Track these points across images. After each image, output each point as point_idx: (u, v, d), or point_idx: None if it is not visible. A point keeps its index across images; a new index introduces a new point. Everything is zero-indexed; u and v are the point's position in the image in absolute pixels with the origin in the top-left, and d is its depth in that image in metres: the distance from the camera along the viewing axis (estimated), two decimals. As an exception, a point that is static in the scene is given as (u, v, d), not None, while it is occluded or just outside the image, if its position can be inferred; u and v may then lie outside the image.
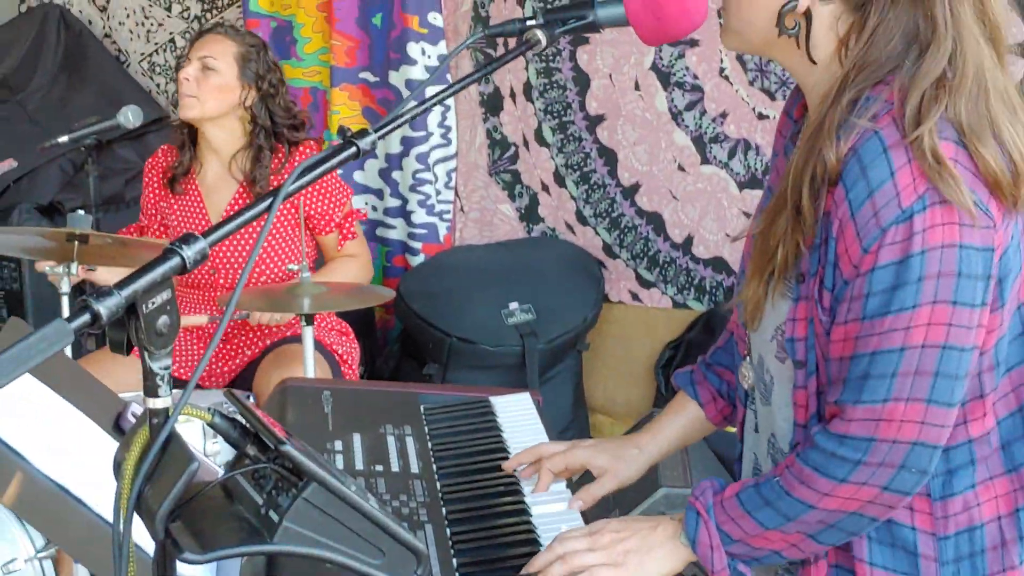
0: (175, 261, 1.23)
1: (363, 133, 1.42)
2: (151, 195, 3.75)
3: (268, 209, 1.32)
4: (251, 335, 3.63)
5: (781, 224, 1.61)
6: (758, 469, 1.83)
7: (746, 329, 1.78)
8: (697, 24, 1.66)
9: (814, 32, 1.60)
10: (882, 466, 1.55)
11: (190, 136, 3.66)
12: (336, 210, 3.65)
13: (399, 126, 1.45)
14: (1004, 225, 1.53)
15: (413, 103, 1.47)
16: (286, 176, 3.50)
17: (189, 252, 1.24)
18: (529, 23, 1.63)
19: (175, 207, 3.69)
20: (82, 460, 1.63)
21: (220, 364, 3.64)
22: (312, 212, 3.60)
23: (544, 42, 1.62)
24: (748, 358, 1.81)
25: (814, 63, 1.62)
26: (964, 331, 1.52)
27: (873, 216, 1.50)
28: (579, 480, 2.01)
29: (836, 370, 1.59)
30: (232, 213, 1.35)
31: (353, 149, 1.41)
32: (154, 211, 3.74)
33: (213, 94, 3.54)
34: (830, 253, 1.56)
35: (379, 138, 1.42)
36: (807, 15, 1.59)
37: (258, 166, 3.55)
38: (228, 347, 3.63)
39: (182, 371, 3.59)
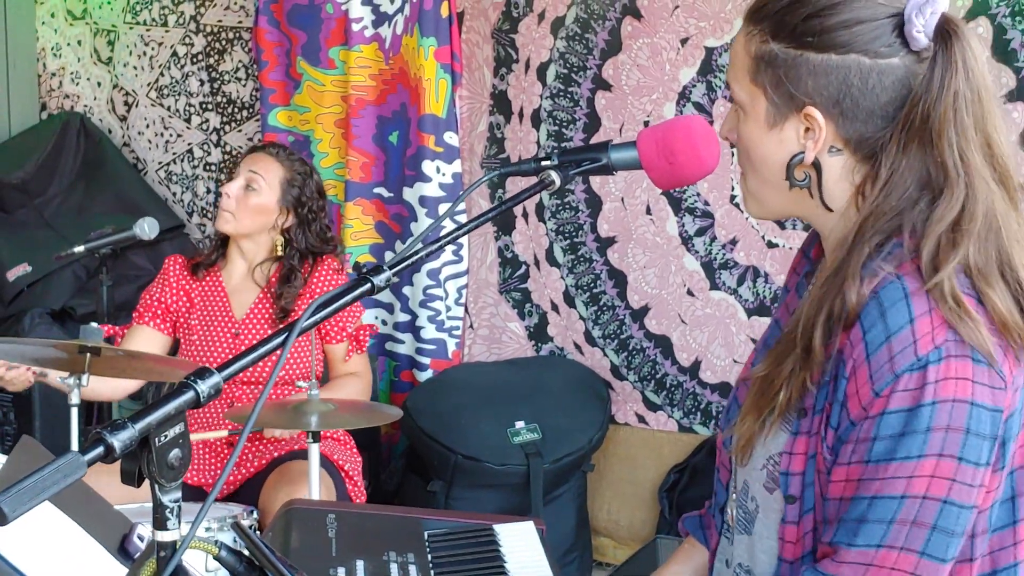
0: (189, 395, 1.25)
1: (378, 270, 1.44)
2: (168, 286, 3.75)
3: (283, 344, 1.34)
4: (258, 447, 3.64)
5: (787, 365, 1.61)
6: None
7: (732, 462, 1.78)
8: (708, 171, 1.69)
9: (826, 182, 1.62)
10: None
11: (221, 236, 3.76)
12: (350, 320, 3.72)
13: (414, 263, 1.47)
14: (1014, 387, 1.54)
15: (421, 244, 1.49)
16: (304, 298, 3.60)
17: (203, 387, 1.26)
18: (544, 163, 1.67)
19: (196, 299, 3.73)
20: (86, 583, 1.63)
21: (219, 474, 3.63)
22: (326, 322, 3.64)
23: (558, 183, 1.65)
24: (732, 489, 1.80)
25: (830, 211, 1.64)
26: (967, 488, 1.51)
27: (888, 360, 1.50)
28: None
29: (834, 510, 1.58)
30: (254, 343, 1.36)
31: (368, 286, 1.44)
32: (166, 302, 3.74)
33: (250, 214, 3.64)
34: (839, 392, 1.56)
35: (394, 275, 1.44)
36: (816, 166, 1.62)
37: (287, 286, 3.63)
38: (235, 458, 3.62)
39: (196, 478, 3.60)
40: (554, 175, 1.66)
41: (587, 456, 4.35)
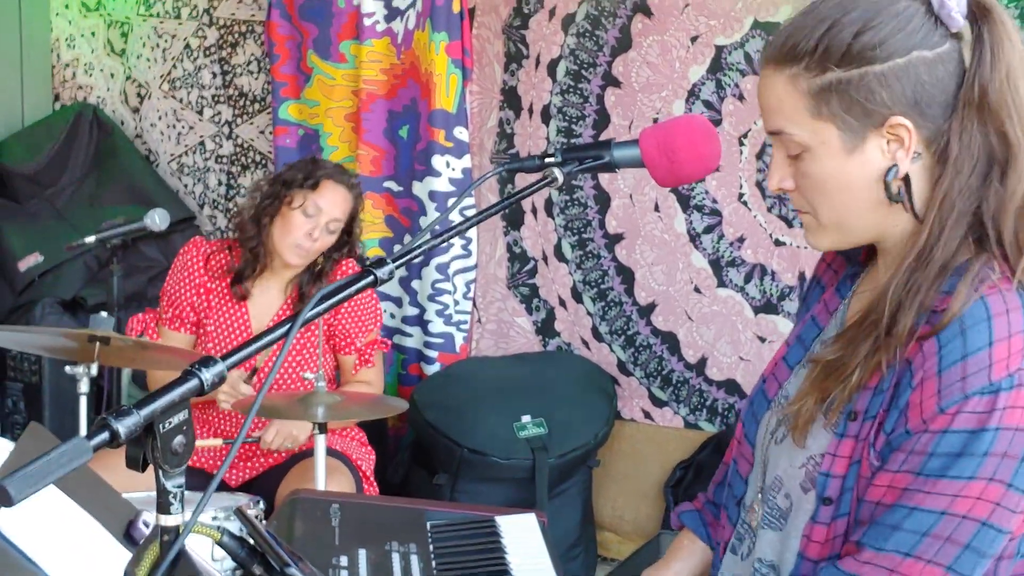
0: (193, 383, 1.27)
1: (381, 262, 1.46)
2: (188, 284, 3.70)
3: (287, 335, 1.36)
4: None
5: (864, 347, 1.61)
6: None
7: (757, 455, 1.78)
8: (710, 170, 1.70)
9: (915, 191, 1.61)
10: None
11: (253, 253, 3.66)
12: (360, 335, 3.70)
13: (415, 257, 1.49)
14: None
15: (429, 235, 1.51)
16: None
17: (207, 375, 1.28)
18: (548, 160, 1.68)
19: (214, 301, 3.69)
20: (92, 568, 1.66)
21: (242, 463, 3.66)
22: (337, 331, 3.66)
23: (561, 179, 1.67)
24: (759, 488, 1.80)
25: (920, 220, 1.62)
26: (1008, 514, 1.53)
27: (961, 379, 1.51)
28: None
29: (868, 512, 1.59)
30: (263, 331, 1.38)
31: (371, 278, 1.45)
32: (188, 301, 3.70)
33: (322, 249, 3.61)
34: (900, 399, 1.56)
35: (396, 268, 1.46)
36: (905, 178, 1.61)
37: (316, 285, 3.60)
38: (252, 448, 3.64)
39: (207, 463, 3.62)
40: (557, 172, 1.67)
41: (593, 451, 4.37)
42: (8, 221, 5.11)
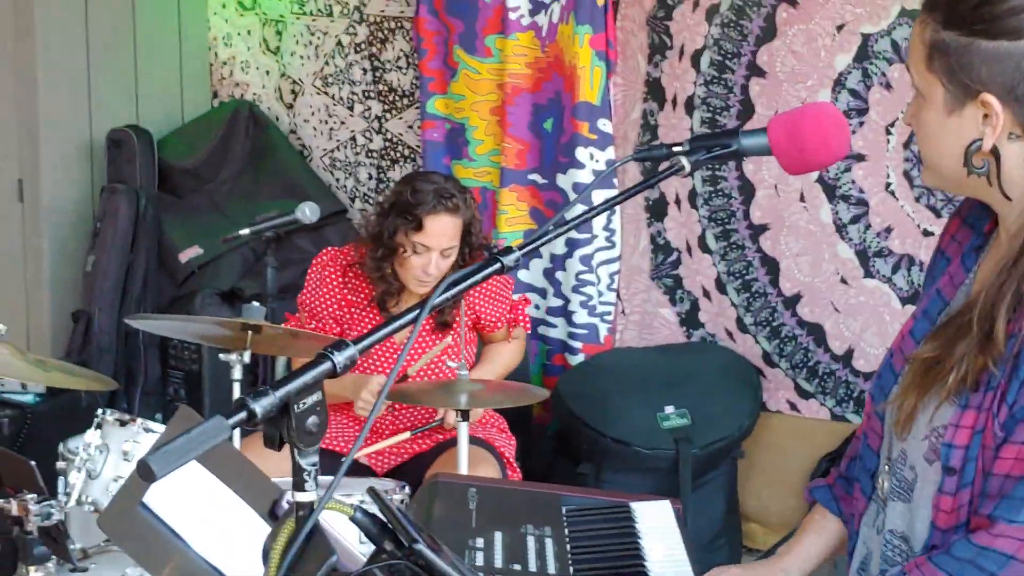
0: (326, 366, 1.33)
1: (508, 251, 1.51)
2: (327, 298, 3.75)
3: (416, 320, 1.41)
4: (429, 430, 3.69)
5: (961, 348, 1.62)
6: (865, 564, 1.83)
7: (886, 429, 1.79)
8: (838, 158, 1.71)
9: (1006, 169, 1.62)
10: None
11: (386, 283, 3.67)
12: (505, 310, 3.78)
13: (541, 245, 1.53)
14: None
15: (552, 226, 1.55)
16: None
17: (340, 358, 1.34)
18: (675, 149, 1.71)
19: (355, 312, 3.73)
20: (237, 545, 1.73)
21: (389, 451, 3.73)
22: (482, 316, 3.73)
23: (688, 168, 1.69)
24: (887, 460, 1.81)
25: (1009, 199, 1.64)
26: None
27: None
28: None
29: (996, 486, 1.59)
30: (411, 357, 1.43)
31: (497, 265, 1.50)
32: (330, 314, 3.75)
33: (445, 270, 3.57)
34: (1020, 370, 1.57)
35: (522, 255, 1.50)
36: (995, 153, 1.61)
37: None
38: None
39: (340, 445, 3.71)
40: (684, 160, 1.69)
41: (737, 443, 4.36)
42: (169, 215, 5.28)
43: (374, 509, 1.42)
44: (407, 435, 3.63)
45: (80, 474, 2.92)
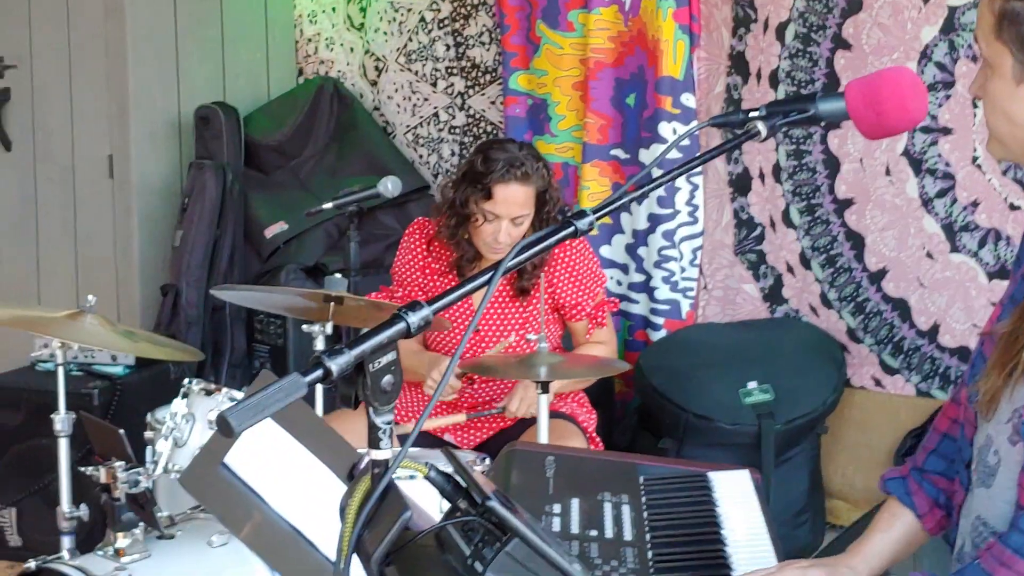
0: (400, 326, 1.35)
1: (582, 214, 1.51)
2: (413, 266, 3.80)
3: (489, 282, 1.42)
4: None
5: None
6: (961, 554, 1.82)
7: (978, 418, 1.78)
8: (916, 122, 1.69)
9: None
10: None
11: (462, 251, 3.71)
12: (588, 300, 3.74)
13: (615, 209, 1.53)
14: None
15: (627, 189, 1.55)
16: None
17: (414, 318, 1.36)
18: (752, 114, 1.70)
19: (437, 280, 3.76)
20: (316, 505, 1.77)
21: (473, 428, 3.78)
22: (564, 301, 3.72)
23: (764, 134, 1.68)
24: (977, 448, 1.80)
25: None
26: None
27: None
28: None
29: None
30: (491, 328, 1.45)
31: (571, 228, 1.51)
32: (416, 282, 3.79)
33: (518, 238, 3.52)
34: None
35: (597, 219, 1.51)
36: None
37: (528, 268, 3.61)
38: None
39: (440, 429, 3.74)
40: (760, 126, 1.69)
41: (821, 419, 4.32)
42: (255, 191, 5.35)
43: (449, 469, 1.44)
44: (463, 417, 3.65)
45: (167, 442, 2.99)
